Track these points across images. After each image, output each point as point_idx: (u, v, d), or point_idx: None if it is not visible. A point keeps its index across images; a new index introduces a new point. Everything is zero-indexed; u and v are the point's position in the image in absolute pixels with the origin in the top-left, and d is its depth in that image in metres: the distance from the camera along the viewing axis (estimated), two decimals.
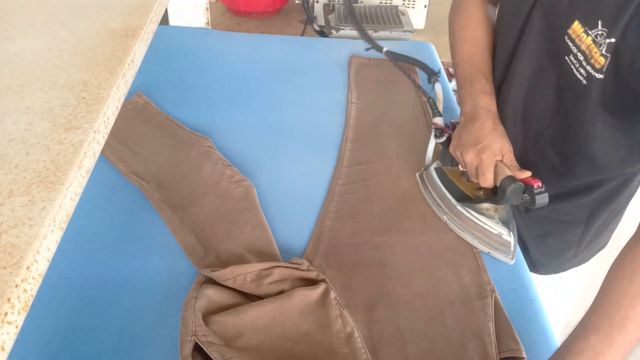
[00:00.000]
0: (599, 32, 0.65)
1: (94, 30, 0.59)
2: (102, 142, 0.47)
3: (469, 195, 0.82)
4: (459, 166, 0.85)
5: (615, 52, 0.64)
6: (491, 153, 0.76)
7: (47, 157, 0.41)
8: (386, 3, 1.64)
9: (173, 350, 0.61)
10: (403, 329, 0.67)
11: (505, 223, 0.78)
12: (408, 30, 1.52)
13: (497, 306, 0.70)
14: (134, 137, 0.98)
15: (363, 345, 0.64)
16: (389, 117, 1.09)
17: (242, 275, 0.68)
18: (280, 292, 0.68)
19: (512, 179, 0.74)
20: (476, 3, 0.90)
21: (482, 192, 0.81)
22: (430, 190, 0.87)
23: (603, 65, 0.66)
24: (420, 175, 0.91)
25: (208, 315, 0.64)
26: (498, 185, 0.76)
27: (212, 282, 0.69)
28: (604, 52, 0.65)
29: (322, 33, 1.61)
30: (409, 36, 1.52)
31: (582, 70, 0.69)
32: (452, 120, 0.88)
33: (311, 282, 0.70)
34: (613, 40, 0.63)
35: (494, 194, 0.79)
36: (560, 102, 0.76)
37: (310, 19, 1.57)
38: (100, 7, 0.65)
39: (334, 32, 1.50)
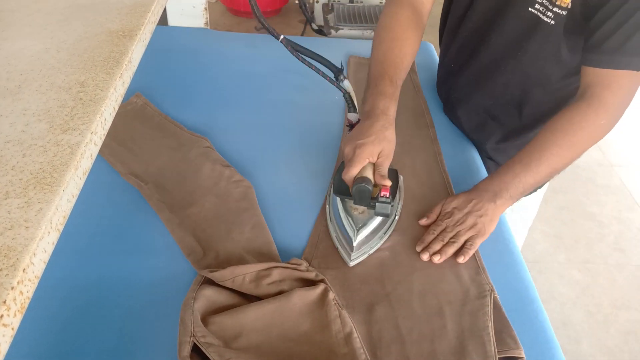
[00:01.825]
0: None
1: (92, 31, 0.59)
2: (100, 143, 0.47)
3: (348, 191, 0.78)
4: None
5: None
6: (367, 152, 0.76)
7: (43, 158, 0.41)
8: None
9: (172, 351, 0.61)
10: (402, 329, 0.67)
11: (357, 224, 0.76)
12: None
13: (496, 306, 0.70)
14: (132, 138, 0.98)
15: (362, 345, 0.64)
16: None
17: (241, 275, 0.68)
18: (280, 293, 0.68)
19: (364, 180, 0.73)
20: (404, 4, 0.92)
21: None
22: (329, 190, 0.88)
23: (568, 3, 0.78)
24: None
25: (207, 315, 0.64)
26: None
27: (211, 282, 0.69)
28: None
29: (320, 32, 1.61)
30: None
31: (549, 13, 0.81)
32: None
33: (310, 283, 0.70)
34: None
35: None
36: (522, 48, 0.87)
37: (308, 19, 1.56)
38: (97, 8, 0.65)
39: (333, 32, 1.49)
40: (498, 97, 0.99)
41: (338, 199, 0.80)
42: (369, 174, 0.75)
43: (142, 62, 0.62)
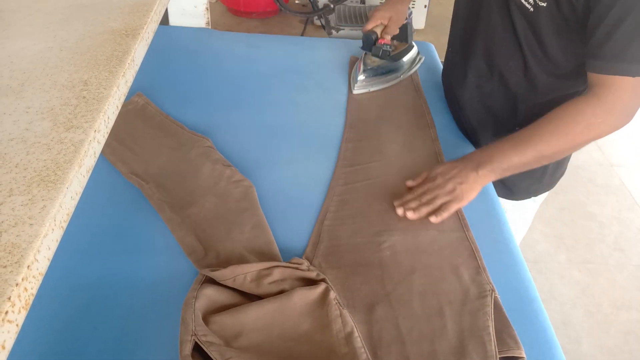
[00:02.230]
0: None
1: (94, 30, 0.59)
2: (103, 141, 0.47)
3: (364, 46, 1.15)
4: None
5: None
6: (380, 14, 1.11)
7: (47, 156, 0.41)
8: None
9: (173, 350, 0.61)
10: (403, 329, 0.67)
11: (366, 64, 1.14)
12: None
13: (496, 306, 0.70)
14: (133, 137, 0.98)
15: (363, 344, 0.64)
16: (388, 117, 1.09)
17: (242, 275, 0.68)
18: (280, 292, 0.68)
19: (372, 32, 1.10)
20: None
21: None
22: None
23: None
24: None
25: (208, 315, 0.64)
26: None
27: (212, 282, 0.69)
28: None
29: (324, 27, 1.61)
30: None
31: (531, 0, 0.84)
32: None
33: (311, 282, 0.70)
34: None
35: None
36: (515, 33, 0.89)
37: (322, 25, 1.56)
38: (100, 7, 0.65)
39: (334, 32, 1.49)
40: (493, 89, 1.00)
41: (361, 57, 1.16)
42: (377, 30, 1.11)
43: (143, 62, 0.62)
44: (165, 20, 1.41)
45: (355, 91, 1.12)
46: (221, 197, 0.85)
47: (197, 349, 0.60)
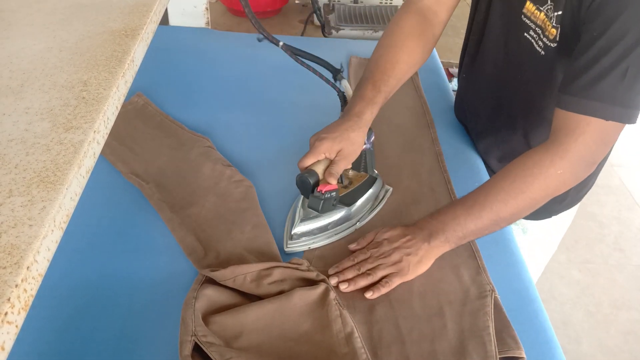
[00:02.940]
0: (549, 7, 0.75)
1: (94, 30, 0.59)
2: (102, 142, 0.47)
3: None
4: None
5: (562, 22, 0.73)
6: (325, 147, 0.76)
7: (47, 157, 0.41)
8: (386, 3, 1.64)
9: (173, 350, 0.61)
10: (403, 329, 0.67)
11: (305, 215, 0.79)
12: None
13: (496, 306, 0.70)
14: (133, 137, 0.98)
15: (363, 345, 0.64)
16: (389, 117, 1.09)
17: (242, 275, 0.68)
18: (280, 292, 0.68)
19: (309, 172, 0.75)
20: (410, 11, 0.90)
21: None
22: None
23: (555, 35, 0.75)
24: None
25: (208, 315, 0.64)
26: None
27: (212, 282, 0.69)
28: (554, 24, 0.74)
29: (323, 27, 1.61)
30: None
31: (540, 43, 0.79)
32: None
33: (311, 282, 0.70)
34: (560, 12, 0.73)
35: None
36: (522, 74, 0.85)
37: (315, 8, 1.56)
38: (100, 7, 0.65)
39: (333, 32, 1.49)
40: (504, 118, 0.95)
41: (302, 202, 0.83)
42: (319, 168, 0.76)
43: (143, 62, 0.62)
44: (165, 20, 1.41)
45: (288, 249, 0.78)
46: (221, 197, 0.85)
47: (197, 349, 0.60)
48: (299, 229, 0.78)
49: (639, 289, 1.86)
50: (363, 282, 0.71)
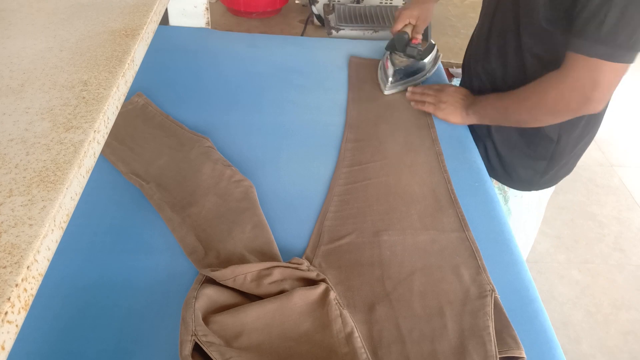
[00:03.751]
0: None
1: (94, 30, 0.59)
2: (102, 141, 0.47)
3: (394, 46, 1.18)
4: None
5: None
6: (407, 14, 1.14)
7: (47, 156, 0.41)
8: (386, 3, 1.64)
9: (173, 350, 0.61)
10: (403, 329, 0.67)
11: (396, 66, 1.14)
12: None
13: (496, 306, 0.70)
14: (134, 137, 0.98)
15: (363, 344, 0.64)
16: (388, 117, 1.09)
17: (242, 275, 0.68)
18: (281, 292, 0.68)
19: (402, 32, 1.12)
20: None
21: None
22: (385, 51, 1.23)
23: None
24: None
25: (208, 315, 0.64)
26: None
27: (212, 282, 0.69)
28: None
29: (320, 18, 1.62)
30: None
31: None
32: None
33: (311, 282, 0.70)
34: None
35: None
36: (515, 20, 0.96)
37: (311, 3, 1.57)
38: (100, 7, 0.65)
39: (333, 32, 1.49)
40: (503, 67, 1.04)
41: (385, 54, 1.19)
42: (408, 29, 1.14)
43: (144, 62, 0.62)
44: (165, 20, 1.41)
45: (387, 92, 1.15)
46: (222, 197, 0.85)
47: (197, 349, 0.60)
48: (392, 77, 1.13)
49: (639, 289, 1.86)
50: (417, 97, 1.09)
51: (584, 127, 1.03)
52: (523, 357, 0.64)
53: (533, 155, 1.07)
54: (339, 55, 1.31)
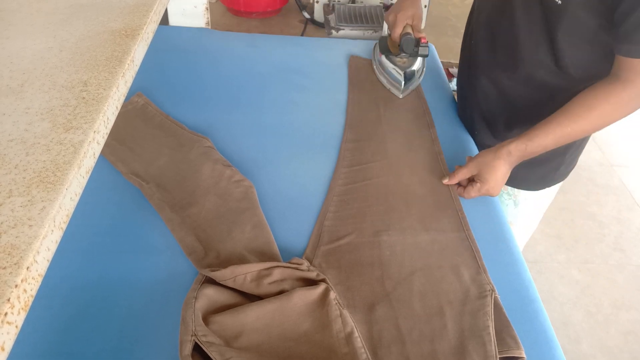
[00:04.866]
0: None
1: (94, 30, 0.59)
2: (102, 142, 0.47)
3: (391, 50, 1.19)
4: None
5: None
6: (403, 15, 1.12)
7: (47, 157, 0.41)
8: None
9: (173, 350, 0.61)
10: (403, 329, 0.67)
11: (403, 69, 1.14)
12: None
13: (496, 306, 0.70)
14: (133, 137, 0.98)
15: (363, 345, 0.64)
16: (388, 117, 1.09)
17: (242, 275, 0.68)
18: (280, 292, 0.68)
19: (408, 33, 1.10)
20: None
21: (398, 47, 1.14)
22: (374, 53, 1.27)
23: None
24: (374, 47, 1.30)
25: (208, 315, 0.64)
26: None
27: (212, 282, 0.69)
28: None
29: (313, 21, 1.62)
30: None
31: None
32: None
33: (311, 282, 0.70)
34: None
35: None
36: (545, 24, 0.91)
37: (300, 7, 1.57)
38: (100, 7, 0.65)
39: (333, 32, 1.49)
40: (512, 77, 1.01)
41: (384, 58, 1.18)
42: (408, 30, 1.11)
43: (143, 62, 0.62)
44: (165, 20, 1.41)
45: (402, 95, 1.15)
46: (221, 197, 0.85)
47: (197, 349, 0.60)
48: (404, 81, 1.14)
49: (639, 289, 1.86)
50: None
51: None
52: (523, 357, 0.64)
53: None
54: (339, 55, 1.31)
